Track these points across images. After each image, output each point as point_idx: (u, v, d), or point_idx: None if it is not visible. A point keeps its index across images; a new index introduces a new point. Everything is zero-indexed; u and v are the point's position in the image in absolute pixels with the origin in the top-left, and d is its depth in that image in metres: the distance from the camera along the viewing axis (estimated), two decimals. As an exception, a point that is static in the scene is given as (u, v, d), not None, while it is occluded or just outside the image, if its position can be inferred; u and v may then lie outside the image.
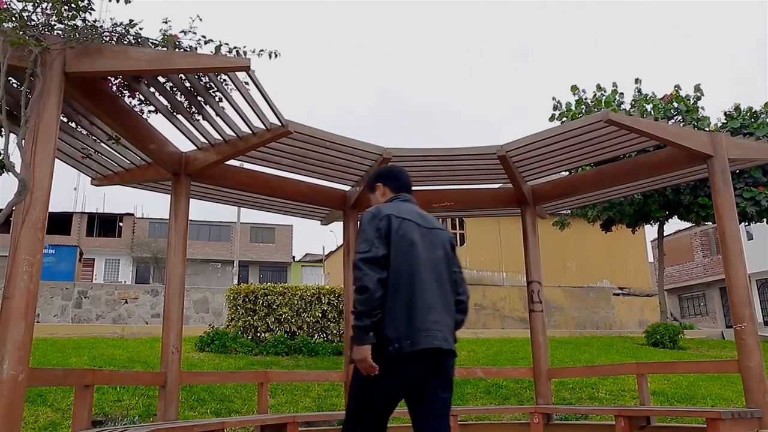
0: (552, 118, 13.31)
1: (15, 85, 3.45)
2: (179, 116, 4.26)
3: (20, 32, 3.06)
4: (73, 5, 3.20)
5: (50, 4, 3.15)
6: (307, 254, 47.05)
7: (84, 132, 4.36)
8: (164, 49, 3.41)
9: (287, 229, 42.32)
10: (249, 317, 9.81)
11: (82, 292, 19.05)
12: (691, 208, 12.26)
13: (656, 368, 6.46)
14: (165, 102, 4.08)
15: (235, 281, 29.00)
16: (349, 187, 6.09)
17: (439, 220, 19.12)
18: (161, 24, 3.46)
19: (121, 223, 40.83)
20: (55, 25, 3.21)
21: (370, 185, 3.08)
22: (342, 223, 6.21)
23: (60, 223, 37.10)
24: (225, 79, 3.93)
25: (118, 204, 78.54)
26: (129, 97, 3.92)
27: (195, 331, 10.65)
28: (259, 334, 9.79)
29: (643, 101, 12.24)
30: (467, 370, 6.88)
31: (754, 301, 21.92)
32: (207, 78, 3.91)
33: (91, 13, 3.28)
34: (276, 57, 3.64)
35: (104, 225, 41.13)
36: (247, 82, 3.96)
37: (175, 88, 3.96)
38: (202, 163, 4.84)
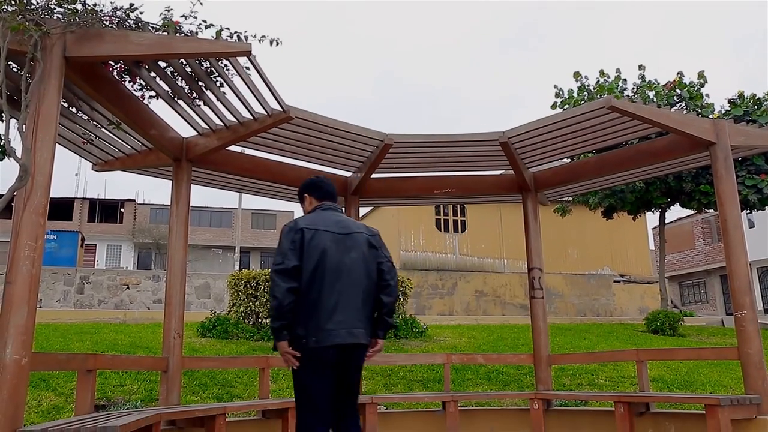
0: (554, 106, 13.26)
1: (15, 70, 3.43)
2: (180, 101, 4.25)
3: (20, 16, 3.04)
4: (73, -11, 3.18)
5: (50, -12, 3.13)
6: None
7: (85, 117, 4.34)
8: (165, 33, 3.38)
9: (288, 215, 42.32)
10: (250, 303, 9.84)
11: (84, 277, 19.11)
12: (693, 195, 12.23)
13: (656, 355, 6.49)
14: (166, 87, 4.06)
15: (237, 267, 29.08)
16: (351, 174, 6.08)
17: (441, 206, 19.17)
18: (161, 8, 3.44)
19: (123, 209, 40.89)
20: (54, 9, 3.19)
21: (299, 197, 3.48)
22: (343, 209, 6.20)
23: (61, 208, 37.16)
24: (226, 65, 3.91)
25: (119, 190, 78.57)
26: (130, 82, 3.90)
27: (196, 317, 10.69)
28: (260, 320, 9.82)
29: (647, 88, 12.17)
30: (468, 356, 6.91)
31: (755, 289, 21.95)
32: (208, 63, 3.89)
33: (91, -3, 3.25)
34: (277, 45, 3.61)
35: (106, 211, 41.20)
36: (249, 68, 3.94)
37: (176, 73, 3.94)
38: (204, 148, 4.83)
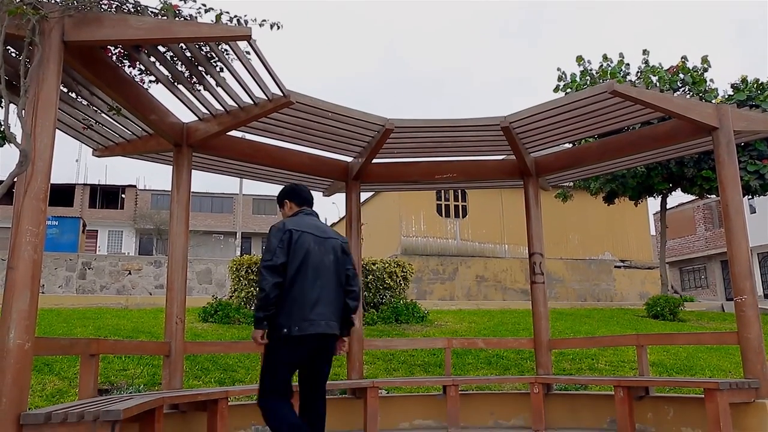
0: (557, 89, 13.20)
1: (14, 55, 3.41)
2: (180, 86, 4.22)
3: (17, 0, 3.01)
4: (71, -28, 3.14)
5: (47, -29, 3.10)
6: (309, 226, 47.08)
7: (84, 102, 4.32)
8: (164, 17, 3.36)
9: (290, 201, 42.24)
10: (252, 288, 9.88)
11: (86, 263, 19.16)
12: (695, 180, 12.21)
13: (656, 339, 6.50)
14: (166, 72, 4.04)
15: (238, 253, 29.16)
16: (352, 159, 6.06)
17: (442, 191, 19.13)
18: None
19: (124, 195, 40.90)
20: (52, -8, 3.16)
21: (279, 202, 3.82)
22: (344, 194, 6.20)
23: (62, 194, 37.16)
24: (226, 49, 3.88)
25: (120, 175, 78.40)
26: (129, 66, 3.87)
27: (198, 302, 10.74)
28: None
29: (650, 72, 12.10)
30: (468, 341, 6.94)
31: (755, 274, 21.99)
32: (208, 47, 3.86)
33: (89, -19, 3.22)
34: (278, 29, 3.58)
35: (107, 196, 41.20)
36: (249, 52, 3.91)
37: (175, 58, 3.91)
38: (204, 133, 4.81)
